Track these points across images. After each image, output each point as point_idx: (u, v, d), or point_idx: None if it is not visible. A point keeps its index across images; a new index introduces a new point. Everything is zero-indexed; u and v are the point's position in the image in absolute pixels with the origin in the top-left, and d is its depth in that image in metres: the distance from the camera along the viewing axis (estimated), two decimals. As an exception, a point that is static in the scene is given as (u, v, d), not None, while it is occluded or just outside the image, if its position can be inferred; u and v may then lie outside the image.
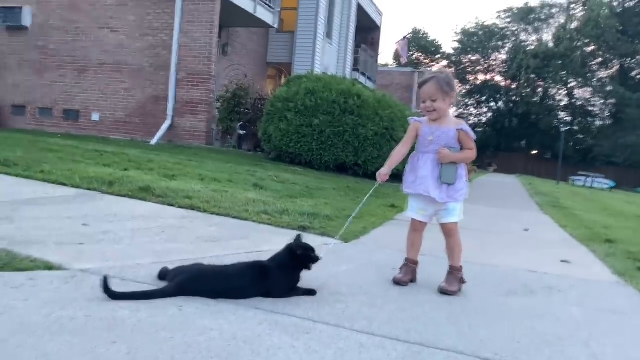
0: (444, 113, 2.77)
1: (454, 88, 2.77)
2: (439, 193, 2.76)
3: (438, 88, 2.72)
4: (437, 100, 2.73)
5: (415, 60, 54.12)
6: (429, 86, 2.75)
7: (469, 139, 2.78)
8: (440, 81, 2.73)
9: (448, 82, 2.74)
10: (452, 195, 2.77)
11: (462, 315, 2.38)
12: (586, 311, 2.69)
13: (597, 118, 52.58)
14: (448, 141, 2.75)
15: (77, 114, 13.16)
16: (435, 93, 2.73)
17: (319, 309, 2.25)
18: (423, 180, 2.78)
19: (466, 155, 2.78)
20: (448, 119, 2.80)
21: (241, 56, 15.72)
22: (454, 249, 2.83)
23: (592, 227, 6.56)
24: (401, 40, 29.27)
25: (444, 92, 2.73)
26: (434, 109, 2.75)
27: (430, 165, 2.77)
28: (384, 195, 7.55)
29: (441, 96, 2.73)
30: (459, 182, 2.77)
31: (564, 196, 14.32)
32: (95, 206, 4.02)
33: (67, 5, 13.10)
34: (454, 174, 2.75)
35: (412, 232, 2.94)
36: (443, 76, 2.76)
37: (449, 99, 2.75)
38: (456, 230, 2.82)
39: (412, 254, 2.93)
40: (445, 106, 2.76)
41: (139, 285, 2.28)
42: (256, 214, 4.29)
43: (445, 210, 2.78)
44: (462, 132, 2.77)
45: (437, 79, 2.74)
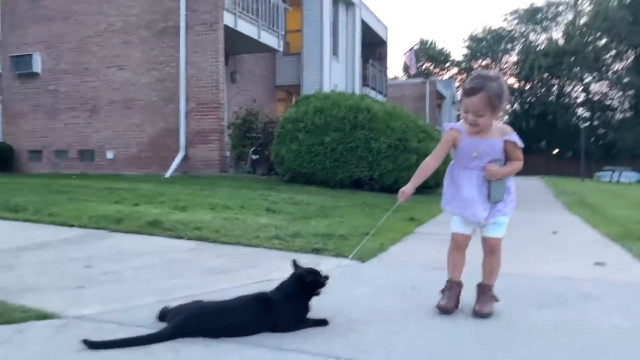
0: (488, 128, 2.39)
1: (504, 100, 2.33)
2: (488, 213, 2.45)
3: (487, 103, 2.29)
4: (483, 116, 2.32)
5: (425, 71, 53.99)
6: (477, 99, 2.29)
7: (517, 149, 2.43)
8: (490, 94, 2.27)
9: (499, 95, 2.29)
10: (501, 209, 2.46)
11: (491, 335, 2.16)
12: (629, 319, 2.43)
13: (616, 111, 51.64)
14: (494, 155, 2.41)
15: (92, 153, 13.25)
16: (483, 108, 2.30)
17: (331, 340, 2.05)
18: (469, 203, 2.44)
19: (515, 168, 2.44)
20: (493, 129, 2.41)
21: (249, 82, 15.75)
22: (493, 268, 2.51)
23: (625, 223, 6.22)
24: (408, 51, 29.18)
25: (493, 107, 2.30)
26: (477, 123, 2.35)
27: (476, 184, 2.43)
28: (403, 208, 7.31)
29: (489, 112, 2.32)
30: (508, 195, 2.47)
31: (590, 193, 13.87)
32: (101, 245, 3.90)
33: (75, 48, 13.29)
34: (503, 190, 2.44)
35: (455, 249, 2.57)
36: (495, 86, 2.29)
37: (498, 112, 2.35)
38: (500, 247, 2.50)
39: (456, 274, 2.55)
40: (491, 121, 2.37)
41: (137, 330, 2.11)
42: (267, 240, 4.12)
43: (494, 223, 2.46)
44: (510, 142, 2.41)
45: (487, 90, 2.28)
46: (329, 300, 2.57)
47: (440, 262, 3.69)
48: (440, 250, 4.30)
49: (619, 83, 49.64)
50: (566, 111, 50.17)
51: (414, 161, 9.91)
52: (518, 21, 54.20)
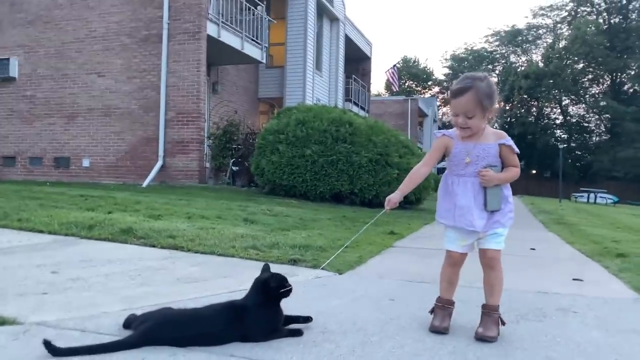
0: (479, 130, 2.28)
1: (494, 101, 2.24)
2: (484, 223, 2.30)
3: (477, 102, 2.19)
4: (473, 117, 2.22)
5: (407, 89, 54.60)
6: (466, 99, 2.20)
7: (513, 154, 2.31)
8: (480, 93, 2.19)
9: (489, 94, 2.21)
10: (499, 219, 2.30)
11: (469, 349, 2.09)
12: (607, 334, 2.40)
13: (593, 134, 52.77)
14: (489, 160, 2.28)
15: (68, 161, 12.98)
16: (473, 109, 2.20)
17: (304, 351, 1.97)
18: (464, 211, 2.29)
19: (512, 174, 2.31)
20: (485, 132, 2.30)
21: (231, 93, 15.68)
22: (494, 284, 2.32)
23: (601, 241, 6.27)
24: (391, 69, 29.47)
25: (483, 107, 2.21)
26: (468, 126, 2.24)
27: (472, 192, 2.29)
28: (383, 223, 7.29)
29: (480, 113, 2.21)
30: (505, 205, 2.32)
31: (568, 213, 14.03)
32: (70, 252, 3.76)
33: (54, 54, 13.09)
34: (500, 198, 2.30)
35: (449, 266, 2.40)
36: (484, 86, 2.20)
37: (489, 114, 2.25)
38: (499, 261, 2.33)
39: (449, 293, 2.40)
40: (481, 123, 2.25)
41: (101, 337, 2.00)
42: (243, 250, 4.02)
43: (492, 235, 2.30)
44: (505, 147, 2.29)
45: (476, 90, 2.19)
46: (304, 310, 2.49)
47: (419, 275, 3.65)
48: (419, 264, 4.27)
49: (596, 107, 50.80)
50: (545, 132, 51.09)
51: (395, 176, 9.92)
52: (499, 42, 55.28)
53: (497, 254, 2.32)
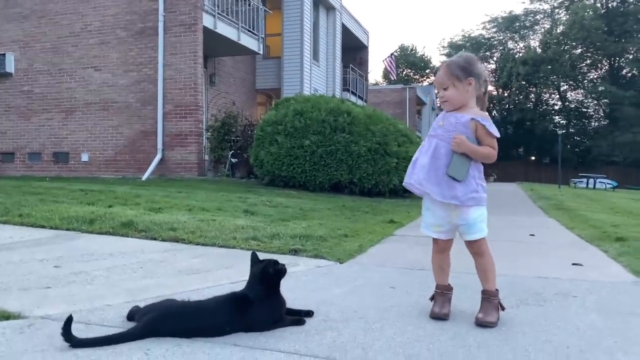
0: (459, 103, 2.28)
1: (472, 73, 2.27)
2: (439, 190, 2.26)
3: (448, 73, 2.28)
4: (447, 88, 2.28)
5: (405, 77, 54.42)
6: (440, 73, 2.33)
7: (488, 134, 2.27)
8: (452, 66, 2.29)
9: (462, 66, 2.27)
10: (459, 196, 2.24)
11: (470, 334, 2.12)
12: (607, 317, 2.42)
13: (592, 119, 52.69)
14: (462, 130, 2.25)
15: (67, 156, 12.96)
16: (445, 80, 2.28)
17: (307, 339, 1.99)
18: (418, 169, 2.31)
19: (486, 152, 2.26)
20: (471, 111, 2.30)
21: (229, 85, 15.63)
22: (486, 270, 2.34)
23: (601, 226, 6.30)
24: (388, 57, 29.37)
25: (456, 77, 2.26)
26: (445, 99, 2.31)
27: (433, 152, 2.28)
28: (382, 212, 7.32)
29: (452, 82, 2.27)
30: (467, 182, 2.25)
31: (568, 198, 14.06)
32: (72, 246, 3.78)
33: (50, 48, 13.03)
34: (465, 170, 2.23)
35: (436, 253, 2.43)
36: (456, 59, 2.32)
37: (465, 85, 2.26)
38: (485, 247, 2.34)
39: (442, 278, 2.42)
40: (459, 95, 2.27)
41: (105, 329, 2.03)
42: (244, 241, 4.04)
43: (465, 225, 2.30)
44: (478, 123, 2.26)
45: (448, 63, 2.32)
46: (306, 299, 2.52)
47: (419, 263, 3.67)
48: (419, 251, 4.29)
49: (594, 92, 50.67)
50: (544, 118, 50.98)
51: (393, 165, 9.94)
52: (496, 29, 55.00)
53: (481, 241, 2.33)
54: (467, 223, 2.30)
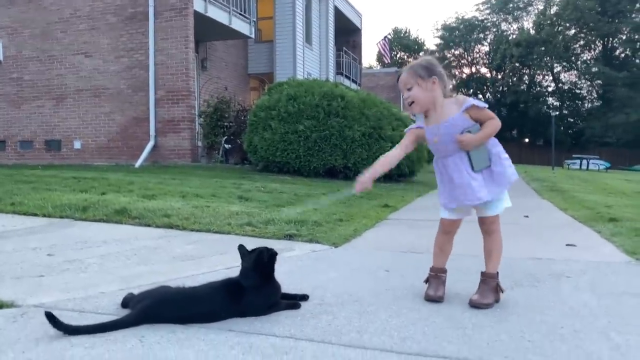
0: (426, 102, 2.30)
1: (434, 72, 2.29)
2: (486, 189, 2.27)
3: (411, 73, 2.30)
4: (412, 88, 2.29)
5: (399, 60, 54.18)
6: (403, 75, 2.35)
7: (482, 110, 2.28)
8: (413, 66, 2.33)
9: (424, 66, 2.30)
10: (502, 181, 2.28)
11: (464, 316, 2.13)
12: (600, 297, 2.43)
13: (585, 100, 52.73)
14: (458, 131, 2.26)
15: (59, 143, 12.87)
16: (409, 79, 2.30)
17: (302, 323, 1.99)
18: (465, 188, 2.28)
19: (490, 129, 2.27)
20: (445, 108, 2.30)
21: (221, 70, 15.50)
22: (492, 250, 2.35)
23: (594, 207, 6.33)
24: (382, 40, 29.18)
25: (419, 76, 2.28)
26: (411, 99, 2.31)
27: (463, 168, 2.28)
28: (377, 196, 7.32)
29: (415, 81, 2.28)
30: (498, 163, 2.28)
31: (561, 180, 14.12)
32: (65, 234, 3.76)
33: (39, 35, 12.84)
34: (486, 155, 2.27)
35: (442, 234, 2.43)
36: (418, 61, 2.36)
37: (429, 84, 2.27)
38: (498, 225, 2.35)
39: (440, 261, 2.43)
40: (424, 94, 2.28)
41: (99, 317, 2.01)
42: (239, 227, 4.04)
43: (489, 200, 2.30)
44: (470, 109, 2.27)
45: (410, 65, 2.36)
46: (301, 283, 2.52)
47: (413, 246, 3.68)
48: (413, 235, 4.30)
49: (588, 73, 50.64)
50: (537, 100, 50.96)
51: (388, 149, 9.85)
52: (490, 10, 54.67)
53: (496, 218, 2.34)
54: (491, 199, 2.30)
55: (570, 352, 1.75)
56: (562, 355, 1.72)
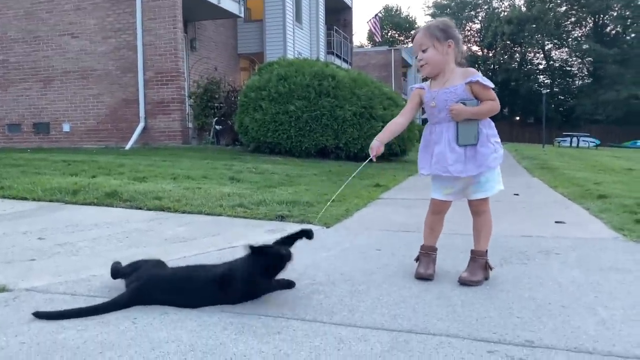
0: (439, 66, 2.26)
1: (452, 35, 2.24)
2: (463, 166, 2.25)
3: (428, 35, 2.24)
4: (427, 50, 2.24)
5: (390, 39, 53.80)
6: (419, 35, 2.28)
7: (485, 89, 2.24)
8: (431, 28, 2.26)
9: (442, 28, 2.24)
10: (482, 162, 2.25)
11: (454, 293, 2.15)
12: (588, 273, 2.47)
13: (576, 77, 52.82)
14: (460, 96, 2.24)
15: (47, 126, 12.74)
16: (425, 41, 2.24)
17: (294, 303, 2.01)
18: (439, 157, 2.28)
19: (486, 108, 2.23)
20: (454, 76, 2.26)
21: (210, 50, 15.33)
22: (481, 229, 2.35)
23: (583, 184, 6.38)
24: (373, 18, 28.93)
25: (436, 38, 2.22)
26: (424, 61, 2.26)
27: (447, 137, 2.27)
28: (368, 175, 7.33)
29: (432, 43, 2.23)
30: (485, 145, 2.25)
31: (552, 158, 14.21)
32: (56, 218, 3.74)
33: (24, 15, 12.61)
34: (475, 132, 2.23)
35: (432, 214, 2.43)
36: (435, 22, 2.29)
37: (445, 47, 2.23)
38: (487, 207, 2.34)
39: (431, 240, 2.43)
40: (439, 57, 2.24)
41: (92, 300, 2.02)
42: (230, 208, 4.03)
43: (477, 183, 2.30)
44: (474, 84, 2.23)
45: (427, 25, 2.29)
46: (293, 264, 2.53)
47: (404, 226, 3.70)
48: (404, 214, 4.33)
49: (579, 50, 50.62)
50: (528, 78, 51.02)
51: (379, 128, 9.86)
52: (481, -13, 54.33)
53: (484, 201, 2.35)
54: (479, 182, 2.31)
55: (558, 327, 1.78)
56: (549, 330, 1.75)
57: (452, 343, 1.65)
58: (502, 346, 1.63)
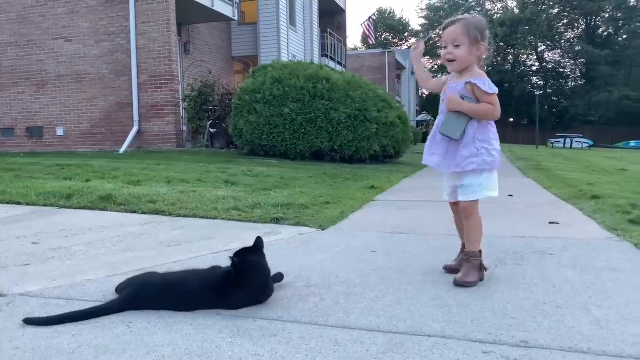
0: (465, 65, 2.25)
1: (485, 38, 2.25)
2: (440, 159, 2.30)
3: (465, 32, 2.21)
4: (460, 46, 2.22)
5: (384, 41, 53.96)
6: (455, 28, 2.24)
7: (485, 94, 2.23)
8: (470, 23, 2.22)
9: (479, 28, 2.23)
10: (458, 163, 2.25)
11: (449, 294, 2.16)
12: (582, 273, 2.48)
13: (569, 79, 53.13)
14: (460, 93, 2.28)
15: (41, 130, 12.69)
16: (461, 37, 2.21)
17: (290, 305, 2.01)
18: (426, 145, 2.40)
19: (482, 108, 2.23)
20: (469, 74, 2.27)
21: (204, 53, 15.32)
22: (469, 232, 2.37)
23: (577, 185, 6.42)
24: (366, 21, 29.00)
25: (472, 37, 2.21)
26: (453, 57, 2.23)
27: (435, 127, 2.35)
28: (364, 178, 7.35)
29: (467, 42, 2.21)
30: (467, 147, 2.24)
31: (545, 159, 14.28)
32: (50, 222, 3.72)
33: (17, 19, 12.57)
34: (461, 128, 2.21)
35: (453, 215, 2.53)
36: (474, 20, 2.26)
37: (476, 50, 2.23)
38: (472, 211, 2.33)
39: (463, 238, 2.48)
40: (469, 56, 2.23)
41: (87, 304, 2.01)
42: (225, 211, 4.03)
43: (461, 186, 2.32)
44: (472, 85, 2.24)
45: (466, 21, 2.24)
46: (288, 266, 2.53)
47: (399, 227, 3.71)
48: (399, 216, 4.34)
49: (571, 51, 50.93)
50: (522, 80, 51.26)
51: (374, 130, 9.93)
52: (474, -10, 54.58)
53: (468, 204, 2.34)
54: (463, 185, 2.33)
55: (552, 327, 1.79)
56: (544, 330, 1.76)
57: (447, 344, 1.65)
58: (498, 347, 1.63)
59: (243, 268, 1.95)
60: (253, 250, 2.02)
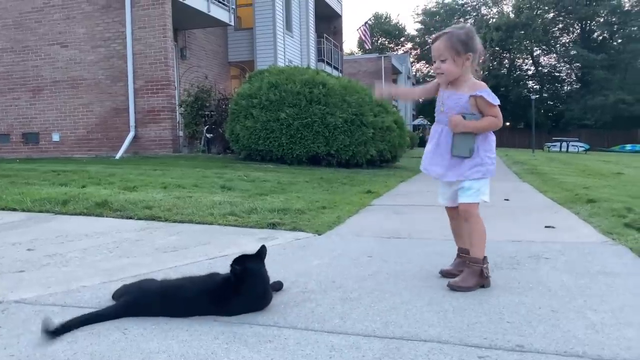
0: (453, 77, 2.31)
1: (472, 48, 2.28)
2: (444, 170, 2.36)
3: (448, 46, 2.27)
4: (445, 61, 2.28)
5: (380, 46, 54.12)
6: (439, 43, 2.30)
7: (488, 105, 2.29)
8: (452, 37, 2.27)
9: (463, 41, 2.27)
10: (463, 172, 2.32)
11: (445, 299, 2.16)
12: (577, 277, 2.49)
13: (565, 83, 53.36)
14: (461, 110, 2.31)
15: (37, 136, 12.66)
16: (445, 52, 2.27)
17: (285, 311, 2.01)
18: (426, 155, 2.43)
19: (485, 123, 2.30)
20: (466, 84, 2.33)
21: (200, 58, 15.33)
22: (472, 236, 2.38)
23: (573, 189, 6.43)
24: (362, 26, 29.09)
25: (456, 51, 2.26)
26: (441, 71, 2.31)
27: (437, 137, 2.38)
28: (360, 182, 7.35)
29: (451, 56, 2.26)
30: (474, 156, 2.32)
31: (541, 163, 14.31)
32: (45, 228, 3.71)
33: (12, 25, 12.56)
34: (470, 145, 2.29)
35: (450, 220, 2.56)
36: (459, 32, 2.29)
37: (463, 60, 2.28)
38: (473, 213, 2.35)
39: (459, 242, 2.55)
40: (455, 69, 2.29)
41: (82, 311, 2.00)
42: (222, 217, 4.02)
43: (461, 188, 2.36)
44: (477, 98, 2.29)
45: (450, 34, 2.29)
46: (284, 272, 2.53)
47: (396, 232, 3.71)
48: (396, 220, 4.34)
49: (567, 56, 51.18)
50: (517, 84, 51.44)
51: (370, 135, 9.95)
52: (470, -6, 54.85)
53: (469, 207, 2.36)
54: (463, 187, 2.36)
55: (548, 331, 1.79)
56: (539, 335, 1.76)
57: (443, 349, 1.65)
58: (493, 351, 1.64)
59: (243, 276, 1.95)
60: (253, 258, 2.02)
